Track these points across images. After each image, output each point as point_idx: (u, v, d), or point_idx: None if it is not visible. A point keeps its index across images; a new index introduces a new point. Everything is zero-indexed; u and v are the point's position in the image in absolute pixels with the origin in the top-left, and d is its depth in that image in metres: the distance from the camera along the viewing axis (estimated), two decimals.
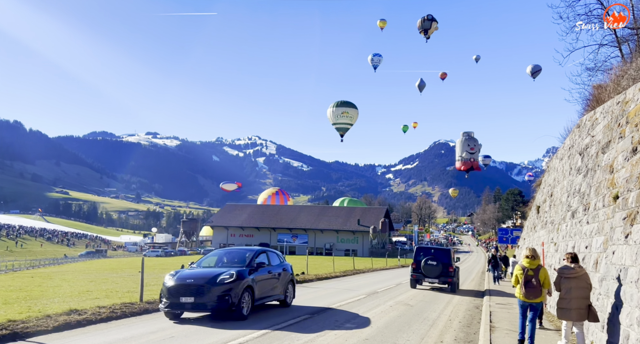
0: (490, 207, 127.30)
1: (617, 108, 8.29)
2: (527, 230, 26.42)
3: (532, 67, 55.02)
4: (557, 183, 14.84)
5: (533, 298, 7.08)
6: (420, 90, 68.22)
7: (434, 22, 45.55)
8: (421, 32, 46.49)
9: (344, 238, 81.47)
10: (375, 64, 58.52)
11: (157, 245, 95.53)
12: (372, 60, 58.32)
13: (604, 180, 8.02)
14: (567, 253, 7.15)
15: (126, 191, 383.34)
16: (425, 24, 45.82)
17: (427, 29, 45.65)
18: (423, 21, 45.89)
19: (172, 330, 7.80)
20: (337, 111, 49.36)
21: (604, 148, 8.55)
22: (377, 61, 58.66)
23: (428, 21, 45.30)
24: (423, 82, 67.27)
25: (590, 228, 8.37)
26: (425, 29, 45.67)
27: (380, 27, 59.82)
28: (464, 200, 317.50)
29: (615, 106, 8.46)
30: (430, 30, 46.23)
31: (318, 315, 9.68)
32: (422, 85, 67.66)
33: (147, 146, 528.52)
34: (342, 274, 24.05)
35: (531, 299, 7.09)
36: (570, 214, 10.95)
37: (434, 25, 45.95)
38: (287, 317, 9.28)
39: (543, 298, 7.23)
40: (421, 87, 67.87)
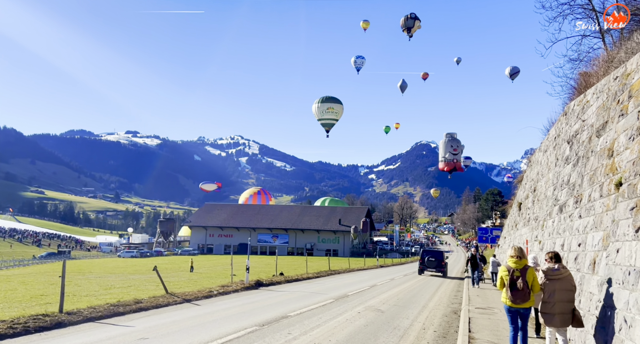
0: (470, 207, 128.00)
1: (614, 85, 7.17)
2: (508, 228, 25.51)
3: (511, 69, 55.42)
4: (541, 176, 13.81)
5: (521, 302, 6.17)
6: (402, 90, 68.79)
7: (416, 20, 45.58)
8: (404, 31, 46.67)
9: (325, 238, 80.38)
10: (358, 66, 58.67)
11: (133, 245, 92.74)
12: (355, 62, 58.55)
13: (600, 167, 6.88)
14: (549, 253, 6.35)
15: (105, 191, 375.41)
16: (408, 22, 46.13)
17: (410, 27, 46.00)
18: (406, 19, 46.14)
19: None
20: (323, 107, 49.18)
21: (599, 131, 7.41)
22: (360, 63, 58.88)
23: (411, 19, 45.27)
24: (405, 83, 67.47)
25: (583, 223, 7.22)
26: (409, 28, 46.02)
27: (363, 28, 59.91)
28: (444, 200, 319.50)
29: (612, 82, 7.33)
30: (413, 28, 46.49)
31: (268, 327, 8.29)
32: (404, 86, 68.22)
33: (126, 145, 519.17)
34: (315, 275, 22.68)
35: (519, 304, 6.19)
36: (558, 208, 9.84)
37: (416, 23, 46.25)
38: (227, 329, 7.90)
39: (532, 302, 6.27)
40: (403, 87, 68.43)
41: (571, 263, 7.46)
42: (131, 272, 31.87)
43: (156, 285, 18.42)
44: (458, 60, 78.53)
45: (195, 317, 8.98)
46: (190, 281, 20.36)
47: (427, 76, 79.52)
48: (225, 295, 12.73)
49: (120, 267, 39.08)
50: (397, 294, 14.90)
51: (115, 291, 15.11)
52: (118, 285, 19.12)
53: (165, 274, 29.70)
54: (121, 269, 35.85)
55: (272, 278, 17.82)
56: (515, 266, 6.23)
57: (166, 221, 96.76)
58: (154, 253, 75.51)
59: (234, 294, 12.98)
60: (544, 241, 11.15)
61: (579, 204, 7.78)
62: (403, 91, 68.36)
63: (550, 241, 10.20)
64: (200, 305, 10.60)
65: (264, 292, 14.08)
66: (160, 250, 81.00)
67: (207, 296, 12.03)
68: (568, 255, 7.81)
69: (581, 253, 6.99)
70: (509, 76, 55.76)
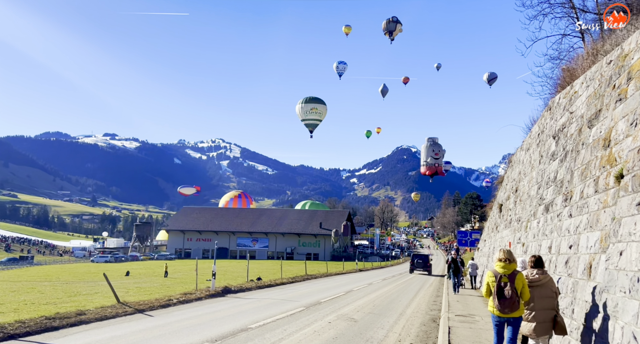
0: (450, 211, 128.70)
1: (608, 70, 6.48)
2: (488, 231, 24.96)
3: (489, 75, 56.31)
4: (524, 176, 13.19)
5: (509, 311, 5.54)
6: (383, 95, 69.50)
7: (398, 24, 45.90)
8: (386, 34, 47.54)
9: (306, 241, 79.41)
10: (340, 72, 59.02)
11: (108, 250, 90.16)
12: (337, 67, 58.93)
13: (594, 160, 6.16)
14: (531, 257, 5.97)
15: (81, 195, 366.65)
16: (390, 25, 46.44)
17: (391, 30, 46.33)
18: (388, 23, 46.53)
19: None
20: (306, 107, 49.08)
21: (591, 121, 6.71)
22: (342, 69, 59.30)
23: (393, 23, 45.54)
24: (386, 88, 67.87)
25: (575, 223, 6.48)
26: (390, 31, 46.37)
27: (345, 33, 60.24)
28: (425, 204, 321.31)
29: (606, 67, 6.64)
30: (394, 32, 47.42)
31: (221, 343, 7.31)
32: (385, 91, 69.09)
33: (104, 147, 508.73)
34: (290, 281, 21.64)
35: (507, 313, 5.57)
36: (544, 208, 9.14)
37: (398, 27, 46.35)
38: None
39: (522, 311, 5.65)
40: (384, 92, 69.35)
41: (561, 268, 6.71)
42: (102, 278, 30.44)
43: (125, 291, 17.26)
44: (438, 66, 79.99)
45: (141, 331, 7.91)
46: (162, 287, 19.27)
47: (407, 80, 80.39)
48: (186, 304, 11.64)
49: (92, 273, 37.53)
50: (373, 301, 14.03)
51: (80, 298, 14.05)
52: (85, 291, 17.91)
53: (137, 279, 28.43)
54: (93, 275, 34.42)
55: (243, 284, 16.75)
56: (503, 271, 5.62)
57: (143, 225, 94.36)
58: (129, 258, 73.53)
59: (195, 303, 11.90)
60: (528, 244, 10.45)
61: (569, 202, 7.06)
62: (384, 95, 69.10)
63: (535, 243, 9.49)
64: (154, 316, 9.50)
65: (230, 300, 13.01)
66: (136, 254, 78.98)
67: (164, 305, 10.93)
68: (557, 259, 7.06)
69: (573, 256, 6.24)
70: (487, 82, 56.58)
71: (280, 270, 24.18)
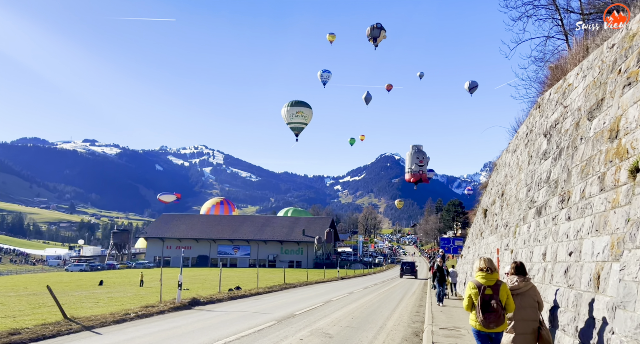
0: (433, 218, 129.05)
1: (610, 55, 5.78)
2: (472, 237, 24.32)
3: (470, 83, 57.00)
4: (511, 178, 12.52)
5: (495, 326, 5.05)
6: (366, 102, 70.02)
7: (382, 30, 46.05)
8: (370, 40, 48.14)
9: (288, 249, 78.25)
10: (324, 80, 59.26)
11: (84, 258, 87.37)
12: (321, 76, 59.14)
13: (597, 154, 5.42)
14: (512, 263, 5.60)
15: (59, 202, 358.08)
16: (374, 32, 46.25)
17: (375, 37, 46.25)
18: (372, 29, 46.25)
19: None
20: (292, 110, 48.79)
21: (591, 113, 6.00)
22: (327, 77, 59.58)
23: (377, 29, 45.68)
24: (369, 95, 68.08)
25: (575, 226, 5.72)
26: (374, 37, 46.25)
27: (329, 40, 60.57)
28: (408, 211, 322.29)
29: (607, 53, 5.95)
30: (378, 38, 48.21)
31: None
32: (368, 98, 69.80)
33: (84, 154, 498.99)
34: (267, 290, 20.56)
35: (492, 328, 5.05)
36: (535, 211, 8.42)
37: (382, 33, 46.38)
38: None
39: (506, 325, 5.14)
40: (367, 99, 69.92)
41: (559, 277, 5.94)
42: (74, 288, 29.03)
43: (95, 302, 16.07)
44: (421, 74, 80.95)
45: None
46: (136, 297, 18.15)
47: (391, 87, 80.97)
48: (145, 319, 10.54)
49: (63, 282, 35.89)
50: (352, 312, 13.12)
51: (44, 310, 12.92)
52: (51, 302, 16.63)
53: (110, 289, 27.01)
54: (64, 284, 32.89)
55: (213, 295, 15.65)
56: (486, 282, 5.14)
57: (120, 233, 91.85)
58: (105, 267, 71.42)
59: (156, 318, 10.80)
60: (517, 251, 9.72)
61: (567, 203, 6.32)
62: (368, 103, 69.45)
63: (525, 250, 8.75)
64: (102, 334, 8.41)
65: (197, 313, 11.93)
66: (112, 262, 76.85)
67: (119, 320, 9.84)
68: (554, 267, 6.30)
69: (574, 265, 5.47)
70: (468, 90, 57.21)
71: (257, 278, 23.05)
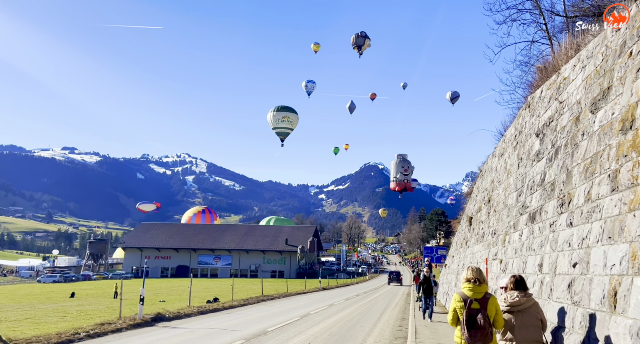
0: (416, 227, 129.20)
1: (617, 38, 5.10)
2: (457, 246, 23.66)
3: (452, 93, 57.89)
4: (498, 184, 11.85)
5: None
6: (350, 111, 70.85)
7: (367, 39, 46.47)
8: (355, 48, 48.84)
9: (271, 258, 76.90)
10: (309, 90, 59.70)
11: (58, 269, 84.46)
12: (306, 86, 59.56)
13: (605, 149, 4.69)
14: (511, 277, 4.99)
15: (35, 211, 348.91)
16: (359, 40, 46.57)
17: (360, 45, 46.55)
18: (357, 37, 46.57)
19: None
20: (278, 115, 48.73)
21: (595, 104, 5.29)
22: (311, 87, 60.06)
23: (362, 38, 46.14)
24: (353, 104, 68.51)
25: (579, 233, 4.97)
26: (359, 45, 46.50)
27: (314, 50, 60.99)
28: (391, 220, 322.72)
29: (612, 37, 5.27)
30: (363, 46, 48.73)
31: None
32: (352, 107, 70.71)
33: (63, 162, 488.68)
34: (242, 303, 19.44)
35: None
36: (528, 217, 7.69)
37: (366, 42, 46.76)
38: None
39: (495, 343, 4.64)
40: (351, 108, 70.81)
41: (561, 293, 5.17)
42: (43, 301, 27.52)
43: (62, 316, 14.88)
44: (404, 85, 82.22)
45: None
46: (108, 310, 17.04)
47: (374, 96, 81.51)
48: (97, 338, 9.44)
49: (33, 295, 34.17)
50: (330, 327, 12.19)
51: (3, 326, 11.65)
52: (13, 317, 15.33)
53: (82, 301, 25.56)
54: (33, 297, 31.28)
55: (182, 310, 14.53)
56: (473, 295, 4.64)
57: (97, 243, 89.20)
58: (80, 278, 69.11)
59: (110, 337, 9.70)
60: (507, 261, 8.98)
61: (567, 207, 5.57)
62: (352, 112, 70.18)
63: (517, 260, 8.00)
64: None
65: (158, 331, 10.85)
66: (88, 273, 74.57)
67: (66, 341, 8.74)
68: (553, 280, 5.53)
69: (580, 278, 4.69)
70: (450, 100, 58.04)
71: (232, 290, 21.86)
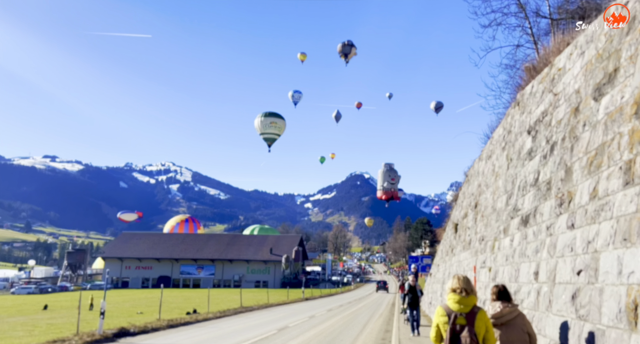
0: (401, 236, 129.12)
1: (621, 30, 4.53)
2: (442, 254, 23.07)
3: (436, 103, 58.80)
4: (486, 188, 11.27)
5: None
6: (336, 120, 71.94)
7: (353, 47, 47.51)
8: (342, 56, 47.81)
9: (255, 268, 75.58)
10: (295, 100, 60.32)
11: (35, 280, 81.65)
12: (292, 96, 60.08)
13: (615, 138, 4.08)
14: (494, 287, 4.64)
15: (13, 220, 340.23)
16: (345, 48, 47.37)
17: (347, 53, 47.39)
18: (343, 46, 47.39)
19: None
20: (266, 121, 49.34)
21: (599, 90, 4.70)
22: (298, 97, 60.65)
23: (348, 46, 47.20)
24: (339, 114, 69.26)
25: (584, 235, 4.32)
26: (345, 53, 47.35)
27: (300, 59, 61.60)
28: (377, 229, 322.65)
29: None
30: (349, 54, 47.74)
31: None
32: (338, 116, 71.83)
33: (43, 170, 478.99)
34: (218, 315, 18.46)
35: None
36: (520, 221, 7.07)
37: (353, 50, 47.61)
38: None
39: None
40: (337, 117, 71.95)
41: (562, 304, 4.51)
42: (13, 313, 26.08)
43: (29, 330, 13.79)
44: (390, 95, 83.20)
45: None
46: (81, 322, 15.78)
47: (360, 105, 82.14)
48: None
49: (4, 307, 32.52)
50: (308, 342, 11.39)
51: None
52: None
53: (55, 314, 24.25)
54: (3, 310, 29.69)
55: (149, 323, 13.57)
56: (459, 309, 4.01)
57: (75, 253, 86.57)
58: (57, 289, 66.71)
59: None
60: (497, 269, 8.34)
61: (567, 207, 4.94)
62: (338, 121, 71.18)
63: (509, 267, 7.35)
64: None
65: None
66: (66, 284, 72.16)
67: None
68: (552, 290, 4.87)
69: (587, 288, 4.04)
70: (434, 110, 58.85)
71: (208, 301, 20.86)
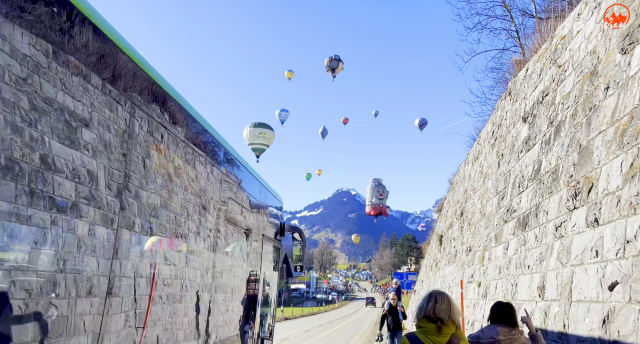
0: (387, 253, 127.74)
1: None
2: (426, 270, 21.72)
3: (420, 120, 59.49)
4: (473, 192, 10.04)
5: None
6: (323, 137, 72.27)
7: (340, 62, 48.17)
8: (329, 71, 48.48)
9: None
10: (282, 119, 60.10)
11: None
12: (279, 115, 59.80)
13: None
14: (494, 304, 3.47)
15: None
16: (332, 63, 48.05)
17: (334, 68, 47.98)
18: (330, 60, 48.05)
19: None
20: (255, 131, 48.79)
21: (630, 37, 3.52)
22: (285, 116, 60.54)
23: (335, 61, 47.83)
24: (325, 130, 69.68)
25: (615, 233, 3.06)
26: (333, 68, 47.95)
27: (287, 77, 61.74)
28: (364, 246, 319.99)
29: None
30: (336, 69, 48.43)
31: None
32: (324, 133, 72.50)
33: None
34: None
35: None
36: (516, 224, 5.82)
37: (340, 65, 48.26)
38: None
39: None
40: (324, 134, 72.36)
41: (586, 330, 3.22)
42: None
43: None
44: (376, 113, 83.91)
45: None
46: None
47: (347, 121, 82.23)
48: None
49: None
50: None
51: None
52: None
53: None
54: None
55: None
56: (433, 339, 2.54)
57: None
58: None
59: None
60: (487, 283, 7.02)
61: (586, 198, 3.70)
62: (324, 137, 71.49)
63: (503, 282, 6.06)
64: None
65: None
66: None
67: None
68: (568, 311, 3.59)
69: (628, 309, 2.75)
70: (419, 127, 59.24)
71: None
